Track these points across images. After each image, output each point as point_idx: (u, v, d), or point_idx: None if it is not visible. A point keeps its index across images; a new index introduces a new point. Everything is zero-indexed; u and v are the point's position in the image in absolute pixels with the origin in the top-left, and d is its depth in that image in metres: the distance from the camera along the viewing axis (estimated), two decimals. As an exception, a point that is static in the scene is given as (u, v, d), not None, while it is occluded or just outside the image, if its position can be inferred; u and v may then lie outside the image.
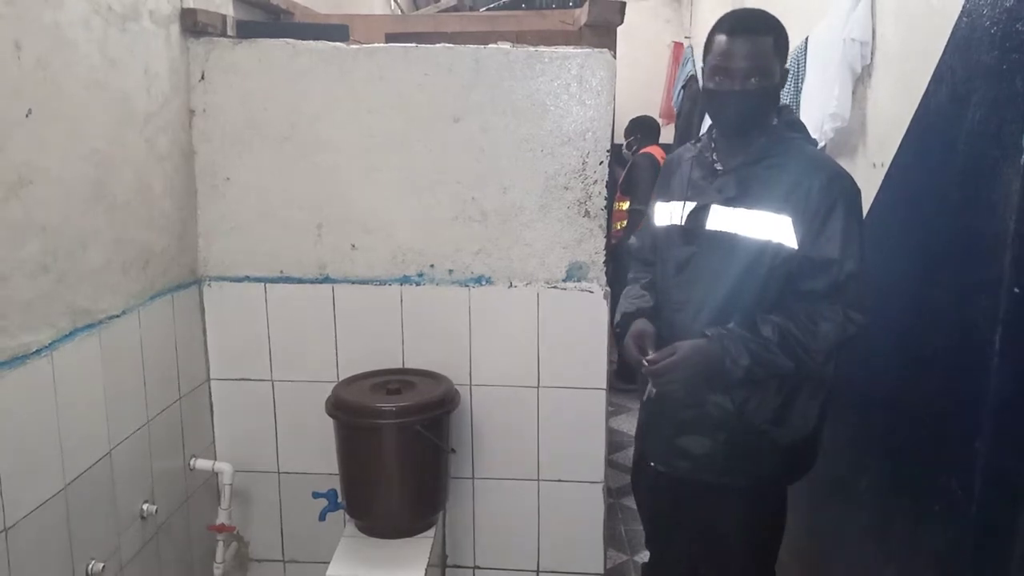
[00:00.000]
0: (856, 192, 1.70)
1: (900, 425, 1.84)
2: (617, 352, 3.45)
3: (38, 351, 1.62)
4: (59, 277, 1.68)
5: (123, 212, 1.92)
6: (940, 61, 1.71)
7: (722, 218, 1.74)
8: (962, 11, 1.61)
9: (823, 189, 1.65)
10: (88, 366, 1.80)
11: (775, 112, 1.78)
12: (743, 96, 1.68)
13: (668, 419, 1.83)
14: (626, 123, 4.95)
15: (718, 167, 1.79)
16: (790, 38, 1.73)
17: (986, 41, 1.50)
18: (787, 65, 1.75)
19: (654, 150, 4.76)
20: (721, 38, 1.70)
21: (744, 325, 1.67)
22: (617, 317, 1.98)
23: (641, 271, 2.04)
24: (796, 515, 2.16)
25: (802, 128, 1.82)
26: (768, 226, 1.68)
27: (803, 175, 1.67)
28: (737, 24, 1.69)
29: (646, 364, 1.72)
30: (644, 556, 2.39)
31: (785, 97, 2.46)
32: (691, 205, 1.79)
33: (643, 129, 5.00)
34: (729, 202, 1.73)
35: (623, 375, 4.56)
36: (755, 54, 1.66)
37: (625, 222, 4.60)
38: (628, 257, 2.18)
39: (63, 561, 1.72)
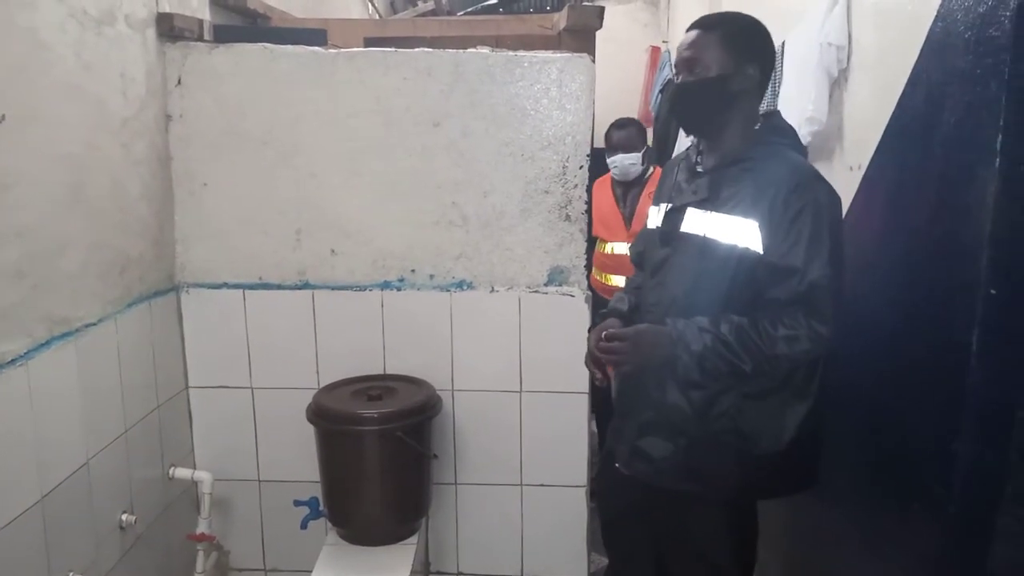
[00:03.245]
0: (830, 201, 1.63)
1: (879, 425, 1.86)
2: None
3: (13, 360, 1.59)
4: (35, 283, 1.66)
5: (99, 217, 1.89)
6: (916, 65, 1.72)
7: (695, 221, 1.72)
8: (936, 16, 1.63)
9: (791, 195, 1.60)
10: (64, 375, 1.78)
11: (742, 112, 1.72)
12: (681, 89, 1.73)
13: (632, 420, 1.81)
14: (608, 127, 3.38)
15: (699, 169, 1.79)
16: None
17: (960, 46, 1.52)
18: (753, 70, 1.70)
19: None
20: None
21: (707, 322, 1.66)
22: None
23: (636, 275, 2.05)
24: (775, 514, 2.17)
25: (790, 134, 1.77)
26: (736, 230, 1.65)
27: (773, 180, 1.63)
28: (695, 22, 1.74)
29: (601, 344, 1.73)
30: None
31: (764, 103, 2.46)
32: (670, 207, 1.80)
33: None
34: (702, 204, 1.72)
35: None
36: (694, 46, 1.69)
37: None
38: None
39: (41, 574, 1.69)
